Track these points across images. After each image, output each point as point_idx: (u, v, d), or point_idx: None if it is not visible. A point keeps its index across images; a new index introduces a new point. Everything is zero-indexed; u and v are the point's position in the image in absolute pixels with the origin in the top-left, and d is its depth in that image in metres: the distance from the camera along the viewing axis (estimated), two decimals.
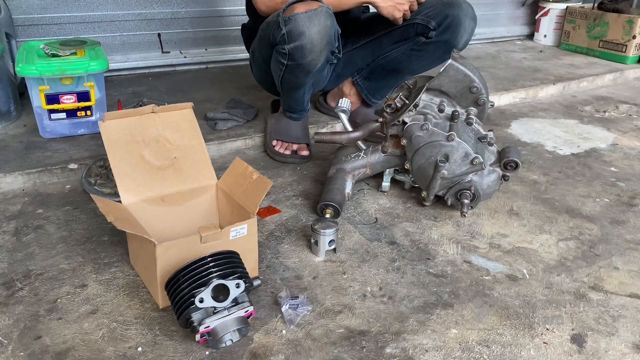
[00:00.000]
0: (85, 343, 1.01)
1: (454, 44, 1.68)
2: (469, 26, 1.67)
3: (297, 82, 1.63)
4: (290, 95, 1.71)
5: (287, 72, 1.58)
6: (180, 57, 2.56)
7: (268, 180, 1.16)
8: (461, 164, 1.37)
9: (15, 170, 1.55)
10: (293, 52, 1.50)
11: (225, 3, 2.58)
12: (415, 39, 1.74)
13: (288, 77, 1.60)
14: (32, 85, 1.67)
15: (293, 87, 1.66)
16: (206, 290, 0.95)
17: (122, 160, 1.19)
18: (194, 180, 1.28)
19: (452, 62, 1.37)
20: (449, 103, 1.42)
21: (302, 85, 1.64)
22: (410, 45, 1.75)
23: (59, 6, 2.27)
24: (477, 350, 1.03)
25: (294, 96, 1.71)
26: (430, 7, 1.70)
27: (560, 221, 1.47)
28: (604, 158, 1.89)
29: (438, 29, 1.68)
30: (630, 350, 1.04)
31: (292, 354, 1.00)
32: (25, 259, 1.24)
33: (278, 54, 1.55)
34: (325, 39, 1.49)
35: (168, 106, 1.27)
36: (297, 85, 1.64)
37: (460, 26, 1.66)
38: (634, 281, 1.24)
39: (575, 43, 3.19)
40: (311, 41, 1.47)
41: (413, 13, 1.71)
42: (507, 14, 3.46)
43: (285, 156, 1.76)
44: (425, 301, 1.15)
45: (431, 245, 1.34)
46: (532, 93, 2.51)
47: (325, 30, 1.48)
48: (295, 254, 1.29)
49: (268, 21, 1.57)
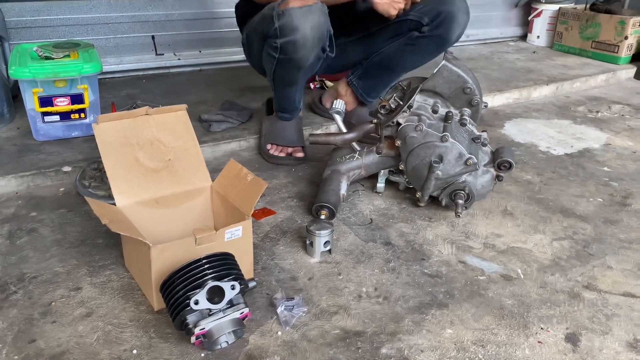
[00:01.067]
0: (80, 346, 1.00)
1: (447, 39, 1.67)
2: (462, 20, 1.67)
3: (289, 78, 1.63)
4: (282, 93, 1.71)
5: (278, 66, 1.58)
6: (174, 59, 2.55)
7: (263, 181, 1.16)
8: (455, 164, 1.37)
9: (9, 173, 1.54)
10: (285, 47, 1.50)
11: (219, 5, 2.58)
12: (408, 33, 1.74)
13: (280, 72, 1.61)
14: (26, 87, 1.67)
15: (285, 84, 1.66)
16: (201, 292, 0.95)
17: (116, 162, 1.19)
18: (189, 183, 1.27)
19: (446, 63, 1.38)
20: (443, 104, 1.42)
21: (294, 82, 1.64)
22: (404, 40, 1.75)
23: (52, 8, 2.26)
24: (472, 350, 1.03)
25: (286, 95, 1.71)
26: (422, 3, 1.69)
27: (554, 221, 1.48)
28: (597, 158, 1.90)
29: (431, 24, 1.67)
30: (624, 348, 1.05)
31: (287, 355, 1.00)
32: (19, 262, 1.23)
33: (270, 48, 1.55)
34: (317, 36, 1.49)
35: (162, 108, 1.27)
36: (289, 82, 1.64)
37: (453, 21, 1.65)
38: (627, 280, 1.25)
39: (568, 44, 3.21)
40: (304, 36, 1.47)
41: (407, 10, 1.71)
42: (500, 15, 3.48)
43: (279, 158, 1.76)
44: (420, 301, 1.15)
45: (426, 246, 1.35)
46: (525, 94, 2.52)
47: (319, 26, 1.48)
48: (291, 255, 1.29)
49: (264, 13, 1.57)
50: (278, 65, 1.58)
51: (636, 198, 1.62)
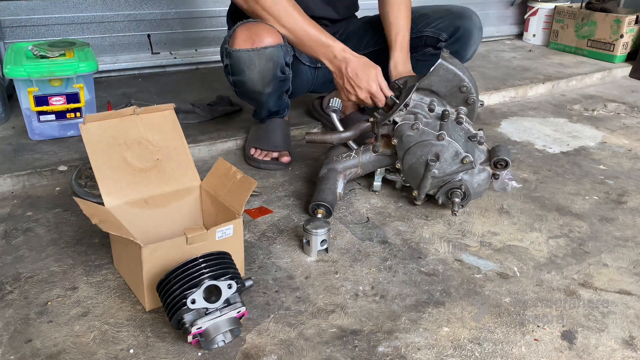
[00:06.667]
0: (77, 346, 1.00)
1: (463, 55, 1.66)
2: (478, 37, 1.66)
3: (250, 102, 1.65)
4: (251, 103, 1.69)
5: (237, 94, 1.59)
6: (170, 58, 2.55)
7: (252, 179, 1.15)
8: (452, 163, 1.38)
9: (4, 173, 1.54)
10: (236, 83, 1.51)
11: (214, 4, 2.58)
12: (423, 50, 1.70)
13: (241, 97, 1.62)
14: (21, 87, 1.66)
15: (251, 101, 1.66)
16: (198, 291, 0.95)
17: (104, 163, 1.18)
18: (178, 182, 1.27)
19: (442, 61, 1.38)
20: (439, 102, 1.42)
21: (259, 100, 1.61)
22: (417, 56, 1.70)
23: (47, 7, 2.25)
24: (468, 348, 1.03)
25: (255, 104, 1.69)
26: (439, 19, 1.65)
27: (550, 219, 1.49)
28: (592, 156, 1.91)
29: (449, 40, 1.65)
30: (619, 346, 1.05)
31: (284, 354, 1.00)
32: (15, 262, 1.23)
33: (226, 76, 1.54)
34: (268, 78, 1.48)
35: (149, 107, 1.26)
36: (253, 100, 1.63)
37: (470, 38, 1.64)
38: (623, 278, 1.25)
39: (563, 42, 3.22)
40: (251, 80, 1.47)
41: (420, 25, 1.66)
42: (496, 13, 3.48)
43: (262, 162, 1.70)
44: (417, 300, 1.16)
45: (422, 244, 1.35)
46: (521, 92, 2.53)
47: (268, 71, 1.45)
48: (287, 254, 1.29)
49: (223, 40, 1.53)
50: (237, 94, 1.59)
51: (631, 196, 1.63)
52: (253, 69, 1.44)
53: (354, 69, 1.43)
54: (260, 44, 1.42)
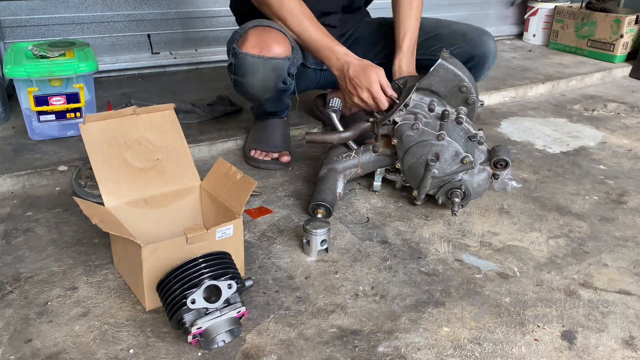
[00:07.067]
0: (77, 346, 1.00)
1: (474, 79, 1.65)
2: (492, 62, 1.64)
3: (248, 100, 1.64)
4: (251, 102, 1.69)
5: (236, 91, 1.58)
6: (170, 58, 2.55)
7: (252, 179, 1.15)
8: (452, 162, 1.38)
9: (4, 173, 1.54)
10: (237, 82, 1.51)
11: (215, 3, 2.58)
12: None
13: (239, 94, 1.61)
14: (21, 87, 1.66)
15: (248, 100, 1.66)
16: (198, 291, 0.95)
17: (104, 163, 1.18)
18: (178, 182, 1.27)
19: (442, 61, 1.38)
20: (439, 102, 1.42)
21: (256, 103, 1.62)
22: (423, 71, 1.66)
23: (47, 7, 2.25)
24: (469, 348, 1.03)
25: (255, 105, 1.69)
26: (453, 46, 1.59)
27: (550, 219, 1.49)
28: (592, 156, 1.91)
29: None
30: (619, 346, 1.05)
31: (284, 354, 1.00)
32: (15, 262, 1.23)
33: (229, 72, 1.54)
34: (269, 86, 1.48)
35: (149, 107, 1.26)
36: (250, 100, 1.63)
37: (484, 66, 1.62)
38: (623, 278, 1.25)
39: (564, 42, 3.22)
40: (252, 84, 1.47)
41: (433, 49, 1.63)
42: (496, 13, 3.48)
43: (259, 161, 1.70)
44: (417, 300, 1.16)
45: (422, 244, 1.35)
46: (521, 92, 2.53)
47: (270, 80, 1.46)
48: (288, 254, 1.29)
49: (232, 34, 1.53)
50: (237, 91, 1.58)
51: (631, 196, 1.63)
52: (256, 75, 1.45)
53: (356, 70, 1.45)
54: (268, 53, 1.42)
